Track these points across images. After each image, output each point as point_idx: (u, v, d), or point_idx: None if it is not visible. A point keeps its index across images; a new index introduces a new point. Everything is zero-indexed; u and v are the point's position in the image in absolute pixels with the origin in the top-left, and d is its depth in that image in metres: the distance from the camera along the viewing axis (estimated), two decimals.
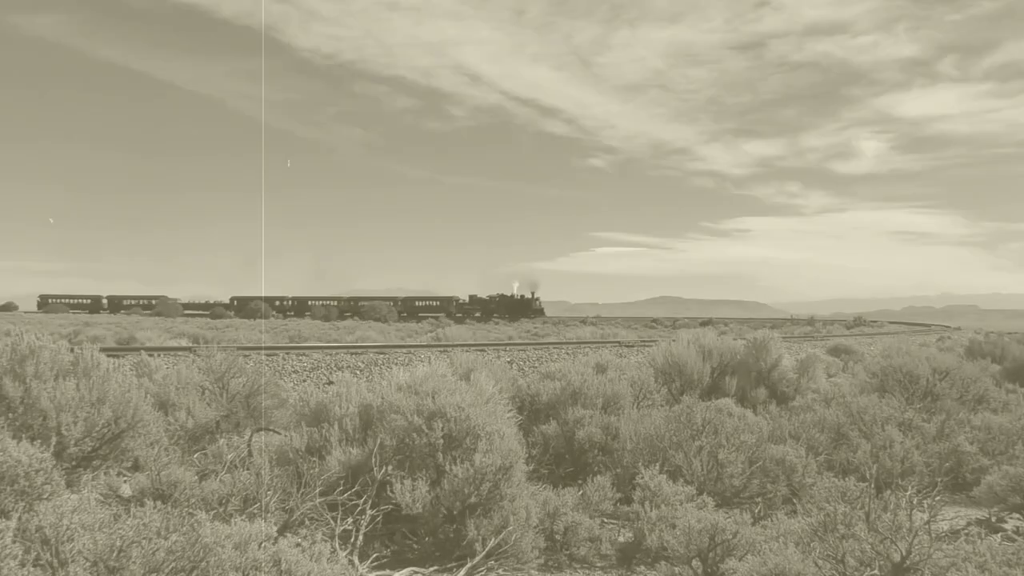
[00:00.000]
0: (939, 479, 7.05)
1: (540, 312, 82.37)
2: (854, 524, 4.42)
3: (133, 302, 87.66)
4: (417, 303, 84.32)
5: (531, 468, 6.39)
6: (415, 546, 5.33)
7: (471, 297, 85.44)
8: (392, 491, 5.23)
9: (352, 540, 4.83)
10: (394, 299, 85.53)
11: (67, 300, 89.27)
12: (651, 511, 5.60)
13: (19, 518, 3.53)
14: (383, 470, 5.33)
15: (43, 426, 5.62)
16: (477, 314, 79.93)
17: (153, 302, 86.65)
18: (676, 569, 4.96)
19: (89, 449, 5.84)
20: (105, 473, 5.86)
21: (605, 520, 6.13)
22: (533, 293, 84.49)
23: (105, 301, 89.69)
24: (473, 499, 5.27)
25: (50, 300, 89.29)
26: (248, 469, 5.57)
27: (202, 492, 5.24)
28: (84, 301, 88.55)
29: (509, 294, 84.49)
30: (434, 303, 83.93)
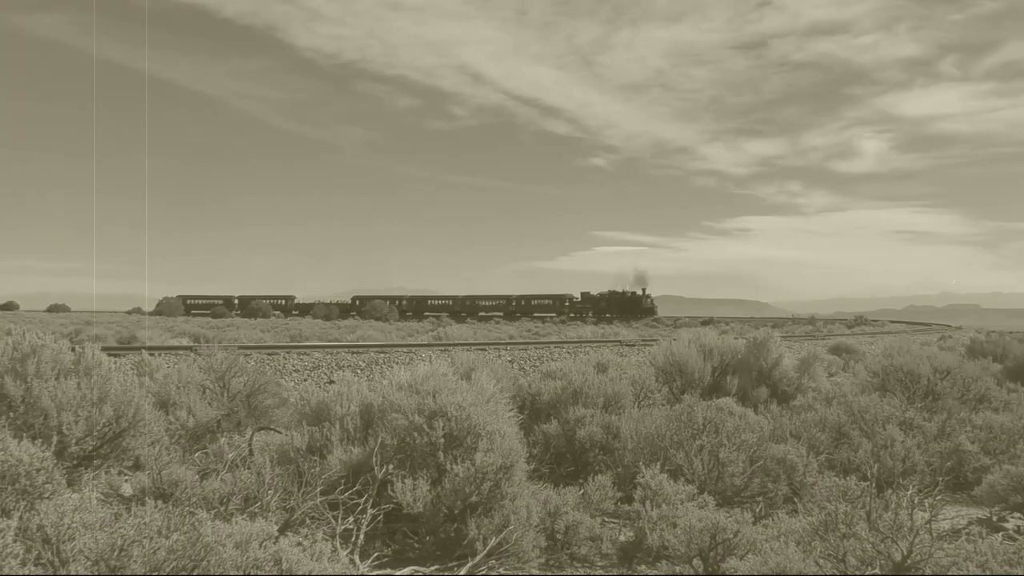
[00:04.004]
0: (940, 478, 7.05)
1: (651, 311, 78.35)
2: (855, 523, 4.42)
3: (263, 302, 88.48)
4: (533, 302, 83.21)
5: (532, 467, 6.39)
6: (416, 545, 5.33)
7: (583, 295, 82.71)
8: (393, 490, 5.23)
9: (353, 539, 4.84)
10: (507, 298, 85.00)
11: (202, 300, 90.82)
12: (652, 510, 5.59)
13: (20, 517, 3.54)
14: (384, 469, 5.33)
15: (44, 425, 5.62)
16: (589, 313, 77.97)
17: (282, 302, 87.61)
18: (677, 568, 4.96)
19: (90, 448, 5.84)
20: (106, 472, 5.86)
21: (606, 519, 6.14)
22: (644, 290, 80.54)
23: (236, 301, 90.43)
24: (474, 498, 5.27)
25: (187, 301, 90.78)
26: (249, 468, 5.57)
27: (203, 491, 5.24)
28: (217, 302, 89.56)
29: (620, 291, 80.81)
30: (547, 302, 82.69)
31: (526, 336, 36.87)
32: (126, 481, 5.77)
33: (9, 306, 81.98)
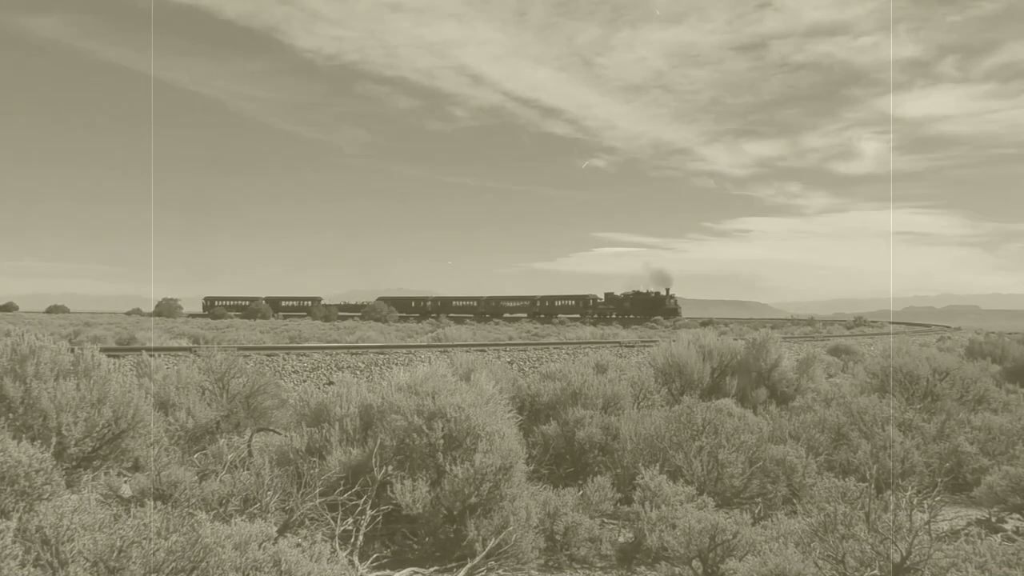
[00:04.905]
0: (939, 479, 7.05)
1: (674, 311, 75.60)
2: (854, 524, 4.42)
3: (290, 303, 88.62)
4: (557, 303, 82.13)
5: (531, 468, 6.39)
6: (415, 546, 5.33)
7: (607, 295, 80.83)
8: (392, 491, 5.23)
9: (352, 540, 4.83)
10: (532, 299, 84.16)
11: (230, 301, 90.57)
12: (651, 511, 5.60)
13: (19, 518, 3.54)
14: (383, 470, 5.33)
15: (43, 426, 5.62)
16: (612, 314, 76.79)
17: (308, 303, 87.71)
18: (676, 569, 4.96)
19: (89, 449, 5.84)
20: (105, 473, 5.86)
21: (605, 520, 6.14)
22: (668, 289, 78.01)
23: (264, 302, 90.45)
24: (473, 499, 5.27)
25: (216, 303, 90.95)
26: (248, 469, 5.57)
27: (202, 492, 5.24)
28: (244, 303, 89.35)
29: (644, 291, 78.46)
30: (570, 303, 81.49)
31: (525, 337, 36.86)
32: (125, 482, 5.77)
33: (8, 307, 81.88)
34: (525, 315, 79.25)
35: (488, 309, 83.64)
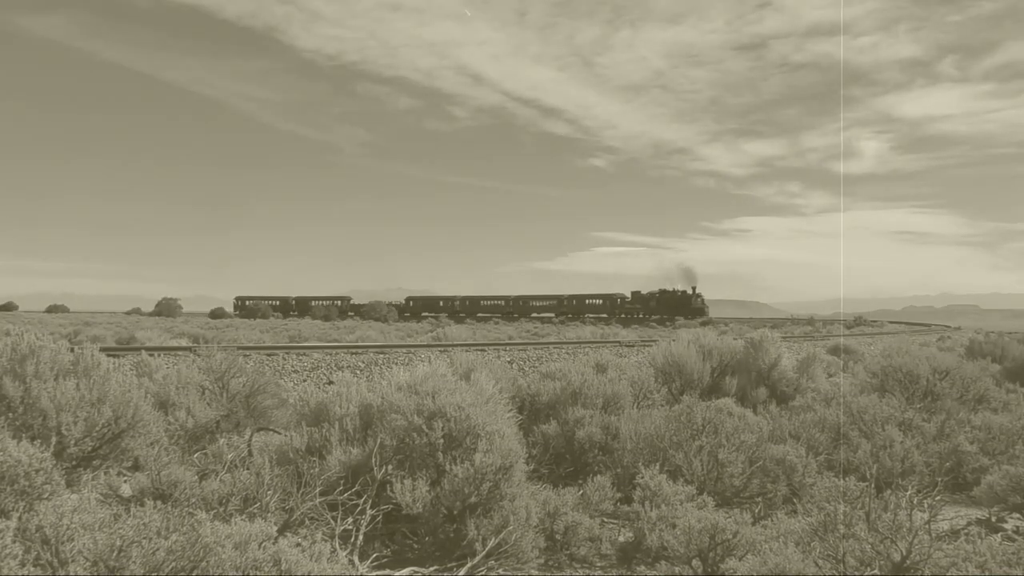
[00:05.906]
0: (939, 479, 7.05)
1: (701, 311, 73.82)
2: (854, 524, 4.42)
3: (320, 302, 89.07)
4: (586, 302, 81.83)
5: (531, 468, 6.39)
6: (415, 546, 5.33)
7: (633, 294, 80.00)
8: (392, 491, 5.23)
9: (352, 540, 4.83)
10: (560, 298, 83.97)
11: (261, 301, 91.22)
12: (651, 511, 5.60)
13: (19, 518, 3.54)
14: (383, 470, 5.33)
15: (43, 426, 5.62)
16: (640, 314, 75.89)
17: (338, 303, 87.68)
18: (676, 569, 4.96)
19: (89, 449, 5.84)
20: (105, 473, 5.86)
21: (605, 520, 6.14)
22: (694, 288, 76.76)
23: (294, 302, 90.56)
24: (473, 499, 5.27)
25: (247, 302, 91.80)
26: (248, 469, 5.57)
27: (202, 492, 5.24)
28: (274, 303, 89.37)
29: (671, 289, 77.30)
30: (598, 302, 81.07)
31: (525, 337, 36.88)
32: (125, 482, 5.77)
33: (8, 307, 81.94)
34: (553, 315, 79.05)
35: (516, 309, 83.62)
